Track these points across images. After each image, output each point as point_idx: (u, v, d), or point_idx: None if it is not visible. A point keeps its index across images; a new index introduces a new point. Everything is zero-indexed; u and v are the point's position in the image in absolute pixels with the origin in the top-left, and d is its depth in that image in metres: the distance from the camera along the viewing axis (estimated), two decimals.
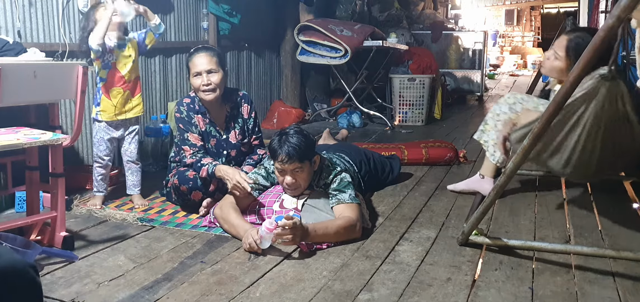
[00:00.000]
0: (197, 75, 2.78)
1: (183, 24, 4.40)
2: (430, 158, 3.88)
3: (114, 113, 2.88)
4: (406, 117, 5.82)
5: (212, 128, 2.91)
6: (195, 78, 2.79)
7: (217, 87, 2.80)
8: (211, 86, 2.78)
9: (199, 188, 2.75)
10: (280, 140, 2.44)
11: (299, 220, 2.21)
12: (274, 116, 5.65)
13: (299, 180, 2.48)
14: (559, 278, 2.04)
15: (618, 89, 1.97)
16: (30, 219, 2.33)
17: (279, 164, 2.44)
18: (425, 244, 2.39)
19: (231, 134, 2.94)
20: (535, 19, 18.68)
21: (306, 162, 2.46)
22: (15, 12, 2.99)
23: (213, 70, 2.78)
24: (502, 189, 2.18)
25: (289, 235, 2.16)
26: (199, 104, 2.88)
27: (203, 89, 2.78)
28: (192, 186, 2.75)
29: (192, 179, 2.76)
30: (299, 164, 2.43)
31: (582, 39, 2.64)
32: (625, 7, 1.70)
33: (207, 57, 2.79)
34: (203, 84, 2.77)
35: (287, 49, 5.92)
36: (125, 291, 1.93)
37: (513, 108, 2.92)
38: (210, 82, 2.77)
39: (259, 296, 1.89)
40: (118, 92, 2.88)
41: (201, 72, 2.77)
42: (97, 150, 2.91)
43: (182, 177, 2.79)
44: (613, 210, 2.82)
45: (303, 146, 2.42)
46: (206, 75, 2.77)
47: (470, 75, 8.12)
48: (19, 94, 2.41)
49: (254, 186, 2.60)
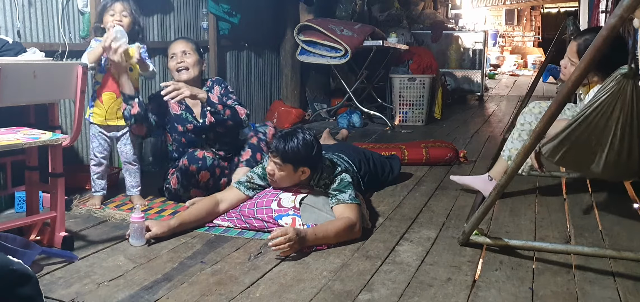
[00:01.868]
0: (173, 56, 2.97)
1: (183, 24, 4.40)
2: (430, 158, 3.87)
3: (105, 117, 2.88)
4: (406, 117, 5.82)
5: (188, 114, 3.00)
6: (171, 60, 2.97)
7: (190, 67, 2.94)
8: (184, 64, 2.93)
9: (207, 168, 2.84)
10: (283, 135, 2.49)
11: (292, 230, 2.21)
12: (274, 116, 5.65)
13: (277, 175, 2.52)
14: (559, 278, 2.04)
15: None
16: (29, 219, 2.32)
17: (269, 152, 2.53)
18: (425, 244, 2.38)
19: (206, 119, 3.00)
20: (535, 18, 18.66)
21: (288, 165, 2.48)
22: (15, 12, 2.98)
23: (187, 52, 2.96)
24: (503, 189, 2.17)
25: (286, 247, 2.17)
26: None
27: (177, 67, 2.94)
28: (201, 165, 2.83)
29: (201, 159, 2.85)
30: (280, 162, 2.48)
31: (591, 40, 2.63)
32: (627, 6, 1.69)
33: (183, 42, 3.02)
34: (177, 62, 2.94)
35: (287, 49, 5.92)
36: (125, 291, 1.93)
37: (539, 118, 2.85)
38: (183, 60, 2.94)
39: (259, 296, 1.89)
40: (110, 97, 2.87)
41: (176, 53, 2.96)
42: (91, 148, 2.93)
43: (191, 157, 2.86)
44: (613, 210, 2.82)
45: (294, 150, 2.45)
46: (181, 55, 2.94)
47: (470, 75, 8.12)
48: (18, 94, 2.40)
49: (248, 185, 2.66)
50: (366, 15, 6.82)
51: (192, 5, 4.51)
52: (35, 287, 1.39)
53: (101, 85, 2.88)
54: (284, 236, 2.18)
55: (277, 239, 2.17)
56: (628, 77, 1.91)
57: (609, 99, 1.96)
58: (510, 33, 18.42)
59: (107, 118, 2.89)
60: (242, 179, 2.70)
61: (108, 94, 2.87)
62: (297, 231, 2.23)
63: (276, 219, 2.45)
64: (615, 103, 1.97)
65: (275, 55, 5.97)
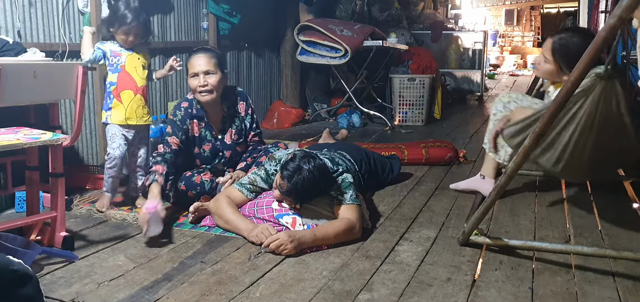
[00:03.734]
0: (195, 76, 2.78)
1: (183, 24, 4.40)
2: (430, 158, 3.88)
3: (125, 117, 2.79)
4: (406, 117, 5.82)
5: (207, 132, 2.90)
6: (192, 79, 2.79)
7: (214, 89, 2.79)
8: (208, 87, 2.77)
9: (206, 192, 2.76)
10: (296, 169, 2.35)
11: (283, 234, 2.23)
12: (274, 116, 5.65)
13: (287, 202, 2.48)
14: (559, 278, 2.04)
15: (614, 88, 1.97)
16: (30, 219, 2.33)
17: (281, 180, 2.41)
18: (425, 244, 2.39)
19: (227, 135, 2.94)
20: (535, 19, 18.66)
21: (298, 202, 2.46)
22: (15, 12, 2.99)
23: (211, 72, 2.77)
24: (503, 189, 2.17)
25: (287, 247, 2.19)
26: (196, 107, 2.87)
27: (199, 89, 2.77)
28: (199, 191, 2.77)
29: (199, 184, 2.77)
30: (293, 199, 2.43)
31: (566, 39, 2.65)
32: (626, 7, 1.70)
33: (206, 58, 2.78)
34: (200, 86, 2.76)
35: (287, 49, 5.92)
36: (125, 291, 1.93)
37: (507, 106, 2.94)
38: (207, 83, 2.76)
39: (259, 296, 1.89)
40: (129, 95, 2.79)
41: (198, 73, 2.76)
42: (110, 147, 2.78)
43: (189, 182, 2.79)
44: (613, 210, 2.82)
45: (305, 191, 2.37)
46: (203, 77, 2.76)
47: (470, 75, 8.12)
48: (19, 94, 2.41)
49: (250, 188, 2.61)
50: (366, 15, 6.82)
51: (192, 5, 4.51)
52: (35, 287, 1.39)
53: (118, 85, 2.78)
54: (274, 241, 2.21)
55: (270, 246, 2.21)
56: (602, 77, 1.92)
57: (578, 95, 1.96)
58: (509, 33, 18.43)
59: (128, 117, 2.80)
60: (243, 181, 2.65)
61: (127, 92, 2.78)
62: (290, 233, 2.24)
63: (277, 218, 2.45)
64: (582, 101, 1.98)
65: (275, 55, 5.97)
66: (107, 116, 2.81)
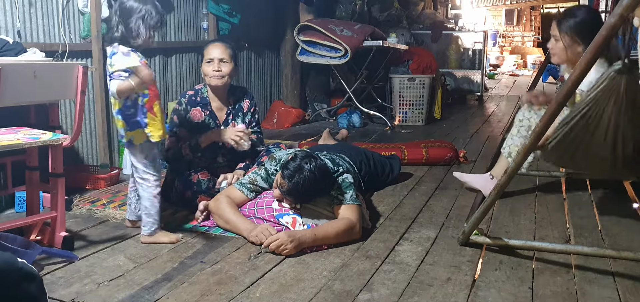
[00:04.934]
0: (210, 61, 2.91)
1: (183, 24, 4.40)
2: (430, 158, 3.88)
3: (163, 130, 2.36)
4: (406, 117, 5.82)
5: (211, 121, 2.97)
6: (207, 64, 2.91)
7: (227, 75, 2.91)
8: (221, 72, 2.90)
9: (203, 192, 2.77)
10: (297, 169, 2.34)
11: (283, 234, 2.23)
12: (274, 116, 5.65)
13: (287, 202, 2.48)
14: (559, 278, 2.04)
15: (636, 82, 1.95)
16: (30, 219, 2.33)
17: (281, 179, 2.41)
18: (425, 244, 2.39)
19: (229, 127, 2.97)
20: (535, 19, 18.65)
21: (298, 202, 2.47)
22: (15, 12, 2.99)
23: (225, 60, 2.91)
24: (503, 189, 2.18)
25: (287, 247, 2.20)
26: (201, 96, 2.97)
27: (212, 74, 2.89)
28: (196, 190, 2.78)
29: (195, 184, 2.79)
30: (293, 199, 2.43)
31: (567, 13, 2.73)
32: (627, 5, 1.70)
33: (222, 47, 2.94)
34: (213, 70, 2.89)
35: (287, 49, 5.92)
36: (125, 291, 1.93)
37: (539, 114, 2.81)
38: (220, 69, 2.89)
39: (259, 296, 1.89)
40: (159, 107, 2.37)
41: (214, 59, 2.90)
42: (155, 169, 2.38)
43: (186, 182, 2.82)
44: (613, 210, 2.82)
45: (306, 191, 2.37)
46: (218, 63, 2.89)
47: (470, 75, 8.11)
48: (19, 94, 2.41)
49: (250, 188, 2.62)
50: (366, 15, 6.82)
51: (192, 5, 4.51)
52: (39, 287, 1.40)
53: (150, 97, 2.31)
54: (274, 241, 2.21)
55: (270, 246, 2.22)
56: (622, 72, 1.91)
57: (604, 95, 1.95)
58: (509, 33, 18.42)
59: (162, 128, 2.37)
60: (244, 181, 2.65)
61: (158, 104, 2.35)
62: (290, 233, 2.24)
63: (277, 218, 2.45)
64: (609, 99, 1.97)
65: (275, 55, 5.97)
66: (149, 134, 2.31)
